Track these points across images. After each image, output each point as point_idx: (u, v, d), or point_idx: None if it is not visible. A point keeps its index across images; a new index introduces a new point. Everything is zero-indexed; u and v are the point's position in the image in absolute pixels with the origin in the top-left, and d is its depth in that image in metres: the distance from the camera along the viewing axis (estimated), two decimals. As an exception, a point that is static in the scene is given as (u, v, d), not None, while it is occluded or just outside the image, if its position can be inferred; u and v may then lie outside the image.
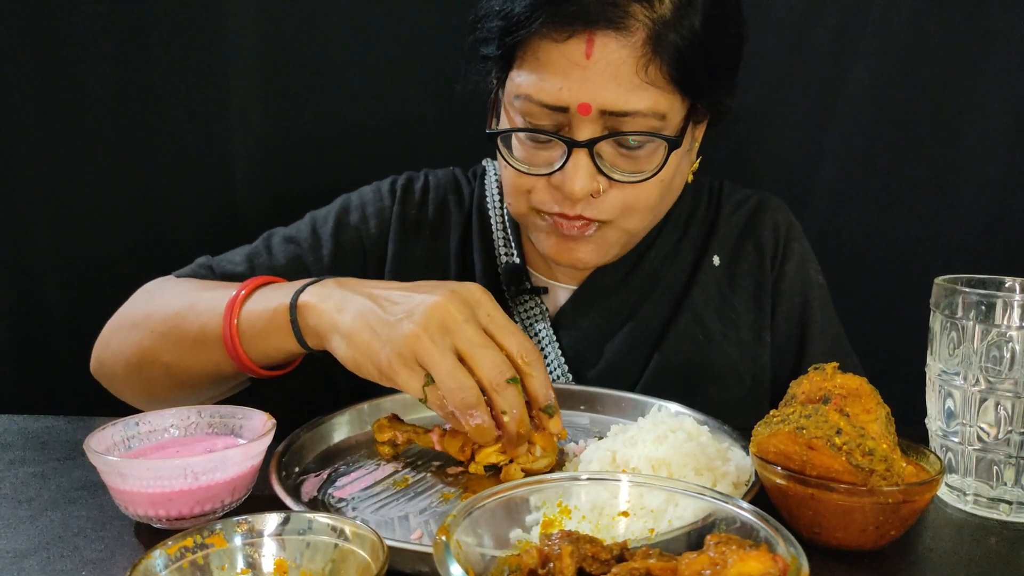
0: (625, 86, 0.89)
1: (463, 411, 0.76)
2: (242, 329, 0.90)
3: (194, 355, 0.95)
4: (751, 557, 0.46)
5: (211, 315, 0.92)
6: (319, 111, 1.46)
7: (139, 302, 1.03)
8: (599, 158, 0.93)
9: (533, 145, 0.96)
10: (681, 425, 0.80)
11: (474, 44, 0.99)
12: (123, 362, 1.00)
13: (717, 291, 1.12)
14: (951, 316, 0.77)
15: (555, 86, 0.90)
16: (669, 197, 1.03)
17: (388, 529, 0.72)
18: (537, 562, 0.50)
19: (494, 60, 0.97)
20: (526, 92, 0.92)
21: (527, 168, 0.97)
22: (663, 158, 0.94)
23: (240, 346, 0.90)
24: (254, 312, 0.90)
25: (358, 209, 1.17)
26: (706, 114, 1.00)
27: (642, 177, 0.94)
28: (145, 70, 1.41)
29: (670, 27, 0.89)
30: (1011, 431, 0.74)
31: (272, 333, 0.89)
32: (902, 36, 1.39)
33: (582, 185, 0.92)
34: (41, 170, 1.42)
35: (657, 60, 0.89)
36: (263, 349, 0.91)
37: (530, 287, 1.12)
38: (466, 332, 0.77)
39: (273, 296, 0.90)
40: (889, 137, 1.44)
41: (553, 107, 0.91)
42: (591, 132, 0.92)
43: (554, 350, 1.09)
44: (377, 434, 0.87)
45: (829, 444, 0.64)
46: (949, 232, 1.44)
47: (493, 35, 0.95)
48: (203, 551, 0.56)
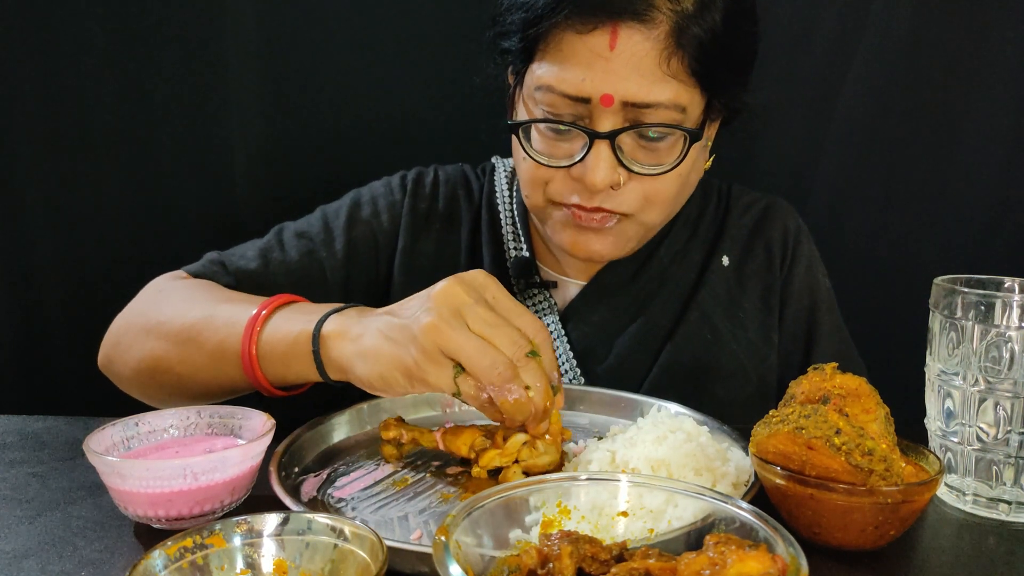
0: (648, 78, 0.89)
1: (501, 387, 0.74)
2: (262, 352, 0.88)
3: (209, 370, 0.93)
4: (750, 557, 0.46)
5: (229, 331, 0.90)
6: (319, 111, 1.46)
7: (151, 303, 1.01)
8: (619, 150, 0.93)
9: (553, 136, 0.96)
10: (681, 425, 0.80)
11: (494, 39, 0.99)
12: (134, 364, 0.99)
13: (726, 291, 1.12)
14: (950, 316, 0.77)
15: (578, 77, 0.90)
16: (686, 191, 1.04)
17: (387, 529, 0.71)
18: (536, 562, 0.50)
19: (515, 53, 0.97)
20: (548, 83, 0.92)
21: (547, 160, 0.97)
22: (683, 150, 0.94)
23: (259, 369, 0.88)
24: (275, 336, 0.87)
25: (370, 203, 1.16)
26: (721, 111, 1.00)
27: (662, 170, 0.95)
28: (145, 71, 1.41)
29: (693, 21, 0.89)
30: (1010, 431, 0.74)
31: (292, 360, 0.86)
32: (902, 36, 1.39)
33: (603, 177, 0.92)
34: (41, 170, 1.42)
35: (680, 53, 0.89)
36: (282, 374, 0.89)
37: (539, 281, 1.12)
38: (478, 313, 0.76)
39: (295, 321, 0.87)
40: (889, 137, 1.44)
41: (575, 98, 0.91)
42: (612, 124, 0.92)
43: (562, 344, 1.09)
44: (383, 432, 0.86)
45: (828, 444, 0.64)
46: (949, 232, 1.45)
47: (516, 27, 0.95)
48: (202, 551, 0.56)
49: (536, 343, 0.78)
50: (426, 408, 0.98)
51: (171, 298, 1.01)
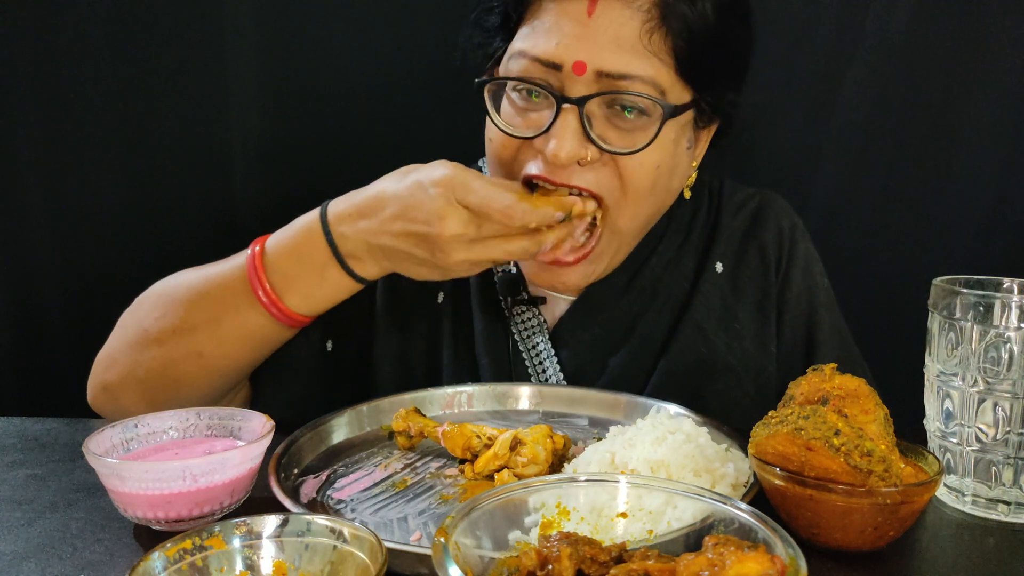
0: (626, 49, 0.87)
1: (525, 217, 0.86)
2: (270, 268, 0.92)
3: (228, 326, 0.94)
4: (749, 558, 0.46)
5: (229, 273, 0.93)
6: (319, 111, 1.46)
7: (140, 314, 0.99)
8: (588, 121, 0.89)
9: (522, 104, 0.93)
10: (680, 427, 0.80)
11: (479, 15, 0.98)
12: (142, 373, 0.97)
13: (720, 300, 1.09)
14: (949, 317, 0.77)
15: (551, 42, 0.88)
16: (662, 196, 1.00)
17: (387, 531, 0.72)
18: (536, 564, 0.50)
19: (497, 31, 0.95)
20: (521, 48, 0.91)
21: (512, 129, 0.93)
22: (656, 131, 0.90)
23: (270, 289, 0.91)
24: (279, 248, 0.92)
25: None
26: (710, 115, 0.98)
27: (633, 149, 0.90)
28: (145, 70, 1.41)
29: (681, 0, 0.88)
30: (1009, 432, 0.74)
31: (305, 258, 0.91)
32: (901, 36, 1.39)
33: (569, 148, 0.88)
34: (41, 170, 1.42)
35: (663, 29, 0.87)
36: (297, 286, 0.92)
37: (527, 298, 1.09)
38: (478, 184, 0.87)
39: (293, 227, 0.93)
40: (888, 137, 1.44)
41: (547, 63, 0.89)
42: (585, 93, 0.89)
43: (552, 365, 1.06)
44: (394, 423, 0.89)
45: (827, 445, 0.64)
46: (948, 232, 1.45)
47: (499, 2, 0.94)
48: (202, 553, 0.56)
49: None
50: (429, 408, 0.98)
51: (143, 306, 1.00)
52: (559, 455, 0.82)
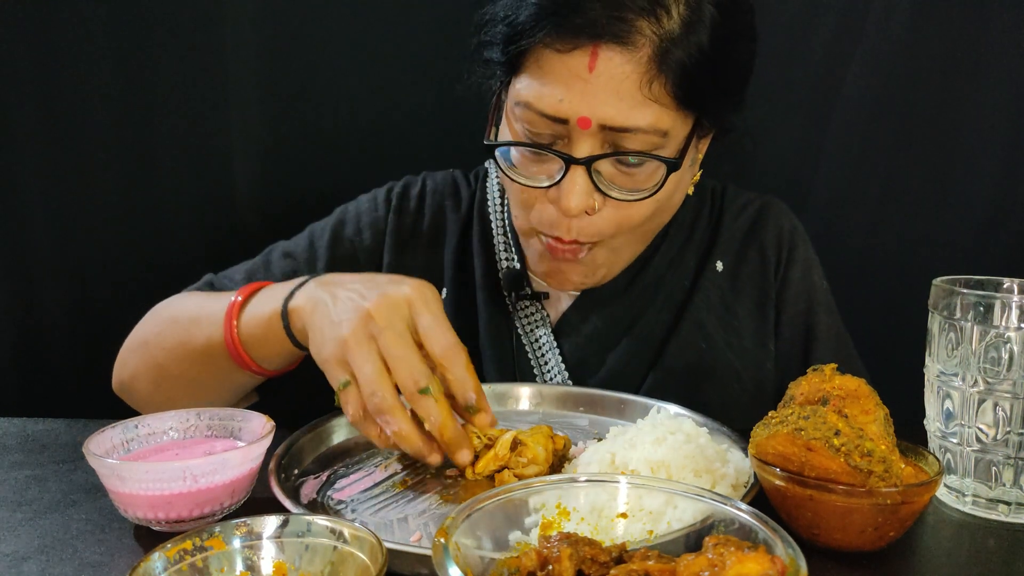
0: (627, 101, 0.88)
1: (377, 415, 0.78)
2: (243, 339, 0.92)
3: (206, 367, 0.96)
4: (749, 559, 0.46)
5: (213, 328, 0.94)
6: (319, 113, 1.46)
7: (150, 322, 1.05)
8: (597, 175, 0.92)
9: (532, 157, 0.95)
10: (680, 427, 0.80)
11: (478, 47, 0.99)
12: (143, 381, 1.02)
13: (720, 297, 1.11)
14: (949, 317, 0.77)
15: (556, 97, 0.89)
16: (664, 214, 1.03)
17: (387, 531, 0.72)
18: (536, 564, 0.50)
19: (498, 65, 0.96)
20: (526, 100, 0.92)
21: (525, 180, 0.96)
22: (662, 179, 0.93)
23: (245, 354, 0.92)
24: (252, 320, 0.92)
25: (353, 221, 1.17)
26: (711, 128, 0.99)
27: (639, 196, 0.93)
28: (145, 72, 1.41)
29: (677, 44, 0.87)
30: (1009, 432, 0.74)
31: (272, 339, 0.90)
32: (901, 37, 1.39)
33: (578, 202, 0.91)
34: (41, 171, 1.42)
35: (662, 77, 0.88)
36: (267, 355, 0.92)
37: (531, 292, 1.11)
38: (386, 339, 0.78)
39: (267, 301, 0.91)
40: (888, 138, 1.44)
41: (553, 118, 0.90)
42: (590, 146, 0.91)
43: (555, 357, 1.09)
44: None
45: (827, 445, 0.64)
46: (948, 233, 1.44)
47: (498, 40, 0.94)
48: (202, 554, 0.56)
49: (446, 364, 0.79)
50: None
51: (160, 313, 1.04)
52: (560, 456, 0.83)
